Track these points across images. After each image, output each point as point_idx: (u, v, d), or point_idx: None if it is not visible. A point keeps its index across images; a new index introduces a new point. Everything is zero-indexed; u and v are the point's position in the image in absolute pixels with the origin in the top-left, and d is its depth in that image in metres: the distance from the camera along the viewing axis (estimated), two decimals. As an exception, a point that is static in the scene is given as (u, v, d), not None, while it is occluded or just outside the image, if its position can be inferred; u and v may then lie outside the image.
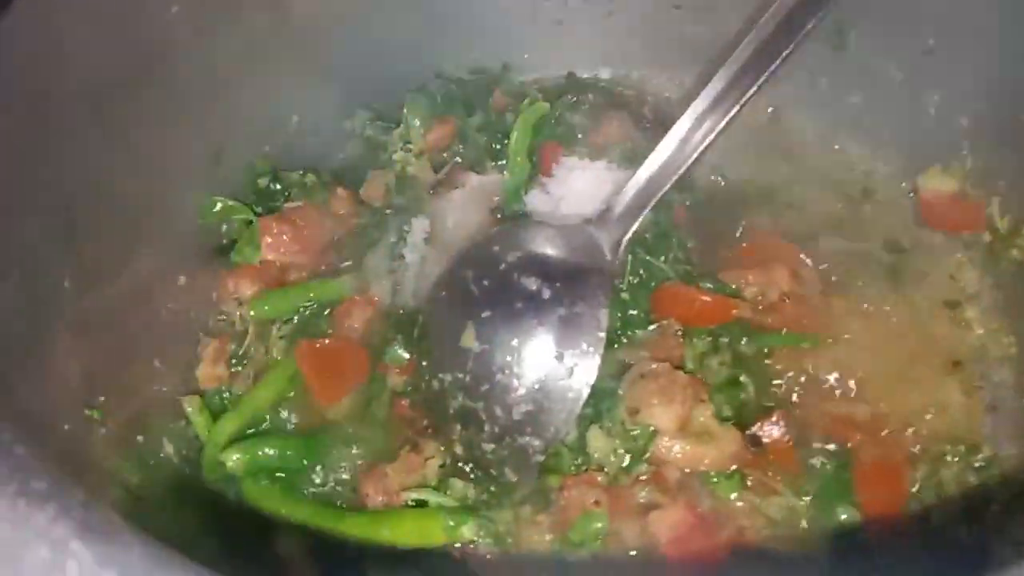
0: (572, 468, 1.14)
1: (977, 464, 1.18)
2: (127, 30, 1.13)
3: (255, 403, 1.23)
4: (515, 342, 1.09)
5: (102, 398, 1.06)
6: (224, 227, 1.36)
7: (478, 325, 1.11)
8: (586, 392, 1.10)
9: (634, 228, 1.17)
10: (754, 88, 1.11)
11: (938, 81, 1.33)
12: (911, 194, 1.40)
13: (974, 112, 1.30)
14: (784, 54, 1.09)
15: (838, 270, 1.34)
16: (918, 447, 1.20)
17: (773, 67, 1.10)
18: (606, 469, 1.14)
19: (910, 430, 1.21)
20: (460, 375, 1.12)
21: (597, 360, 1.10)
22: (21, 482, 0.60)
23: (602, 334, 1.11)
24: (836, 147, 1.48)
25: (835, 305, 1.31)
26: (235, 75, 1.32)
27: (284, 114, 1.43)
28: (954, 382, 1.25)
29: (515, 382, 1.09)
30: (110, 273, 1.13)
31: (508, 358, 1.09)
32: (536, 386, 1.10)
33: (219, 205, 1.33)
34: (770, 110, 1.51)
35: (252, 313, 1.30)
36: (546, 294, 1.11)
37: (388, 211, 1.41)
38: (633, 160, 1.38)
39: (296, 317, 1.31)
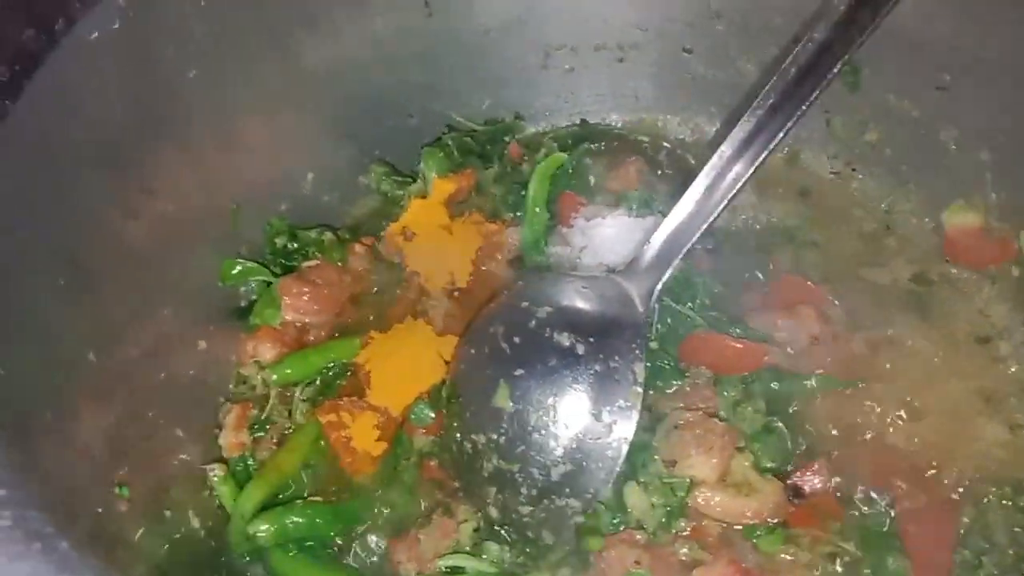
0: (610, 527, 1.11)
1: (1024, 505, 1.15)
2: (146, 92, 1.13)
3: (280, 469, 1.19)
4: (551, 400, 1.07)
5: (126, 471, 1.04)
6: (242, 288, 1.34)
7: (512, 384, 1.08)
8: (625, 449, 1.07)
9: (664, 278, 1.15)
10: (780, 135, 1.10)
11: (955, 116, 1.32)
12: (934, 229, 1.39)
13: (995, 145, 1.29)
14: (810, 99, 1.08)
15: (866, 308, 1.32)
16: (963, 489, 1.17)
17: (801, 112, 1.09)
18: (645, 526, 1.11)
19: (953, 472, 1.18)
20: (494, 436, 1.09)
21: (635, 416, 1.07)
22: (68, 584, 0.57)
23: (639, 388, 1.08)
24: (854, 186, 1.48)
25: (866, 345, 1.29)
26: (249, 133, 1.32)
27: (299, 171, 1.42)
28: (994, 420, 1.22)
29: (552, 442, 1.06)
30: (130, 337, 1.11)
31: (544, 417, 1.07)
32: (574, 445, 1.07)
33: (239, 267, 1.31)
34: (786, 150, 1.51)
35: (275, 378, 1.27)
36: (580, 350, 1.08)
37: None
38: (652, 207, 1.37)
39: (319, 378, 1.28)
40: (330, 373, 1.29)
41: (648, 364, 1.18)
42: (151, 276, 1.16)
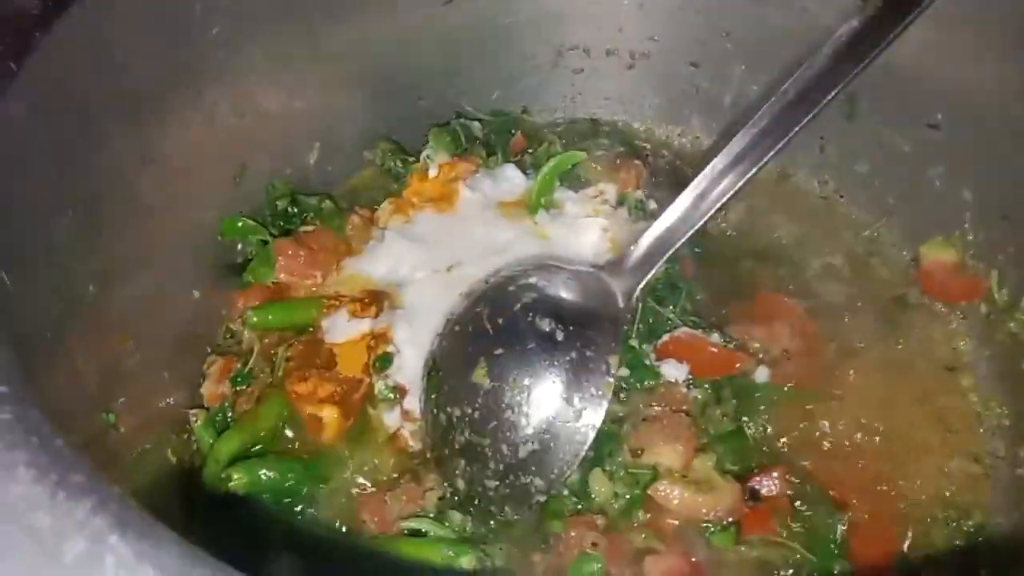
0: (572, 510, 1.15)
1: (967, 529, 1.20)
2: (169, 44, 1.16)
3: (256, 423, 1.23)
4: (526, 381, 1.11)
5: (114, 403, 1.08)
6: (240, 246, 1.38)
7: (490, 362, 1.12)
8: (592, 436, 1.11)
9: (648, 278, 1.19)
10: (772, 152, 1.14)
11: (943, 155, 1.37)
12: (912, 261, 1.44)
13: (977, 186, 1.34)
14: (803, 122, 1.13)
15: (840, 328, 1.37)
16: (911, 507, 1.22)
17: (792, 134, 1.13)
18: (606, 512, 1.15)
19: (904, 490, 1.23)
20: (469, 410, 1.12)
21: (605, 405, 1.11)
22: (60, 473, 0.61)
23: (611, 379, 1.12)
24: (841, 211, 1.53)
25: (836, 363, 1.34)
26: (263, 98, 1.36)
27: (307, 139, 1.46)
28: (949, 448, 1.27)
29: (523, 421, 1.10)
30: (129, 279, 1.15)
31: (518, 397, 1.11)
32: (543, 427, 1.11)
33: (240, 223, 1.35)
34: (778, 170, 1.56)
35: (255, 319, 1.30)
36: (559, 337, 1.12)
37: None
38: (646, 211, 1.42)
39: (303, 344, 1.31)
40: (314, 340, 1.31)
41: (625, 358, 1.23)
42: (156, 223, 1.19)
